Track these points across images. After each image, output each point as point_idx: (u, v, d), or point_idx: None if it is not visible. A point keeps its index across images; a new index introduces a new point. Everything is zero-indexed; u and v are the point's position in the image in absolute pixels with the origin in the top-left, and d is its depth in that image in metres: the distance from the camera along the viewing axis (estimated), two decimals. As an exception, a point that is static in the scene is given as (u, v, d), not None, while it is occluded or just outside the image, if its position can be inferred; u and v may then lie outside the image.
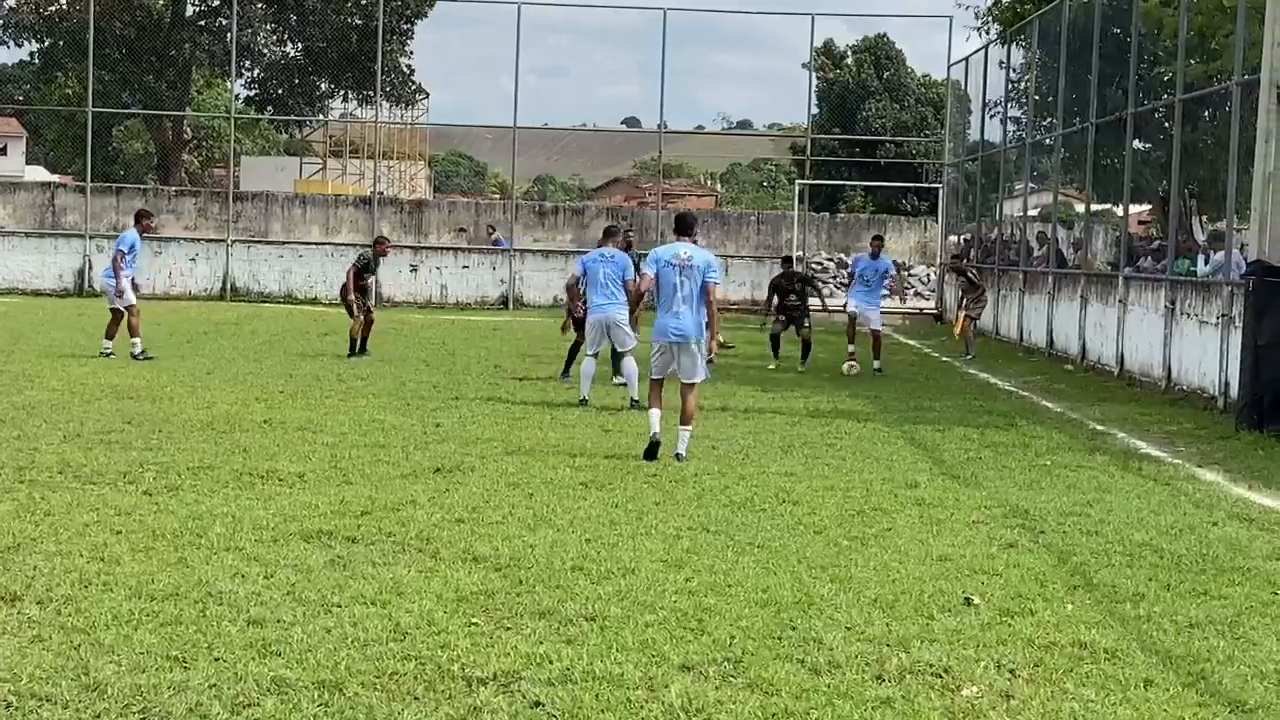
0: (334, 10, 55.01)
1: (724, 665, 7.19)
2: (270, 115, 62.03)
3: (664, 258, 13.92)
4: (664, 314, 13.90)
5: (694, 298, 13.78)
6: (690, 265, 13.76)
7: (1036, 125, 33.80)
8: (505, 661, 7.11)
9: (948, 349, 29.58)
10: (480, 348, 27.10)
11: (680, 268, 13.76)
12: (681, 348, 13.89)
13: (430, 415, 16.60)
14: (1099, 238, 32.25)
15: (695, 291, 13.78)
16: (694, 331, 13.84)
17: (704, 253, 14.12)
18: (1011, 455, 14.93)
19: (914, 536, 10.51)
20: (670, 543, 9.98)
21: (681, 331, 13.84)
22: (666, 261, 13.85)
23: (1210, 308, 20.67)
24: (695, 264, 13.78)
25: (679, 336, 13.86)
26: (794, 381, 22.09)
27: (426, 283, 42.85)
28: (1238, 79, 20.12)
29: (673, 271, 13.79)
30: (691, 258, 13.81)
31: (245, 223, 44.20)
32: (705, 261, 13.89)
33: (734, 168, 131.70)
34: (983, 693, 6.95)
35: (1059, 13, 30.18)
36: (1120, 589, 9.04)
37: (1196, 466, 14.73)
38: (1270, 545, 10.60)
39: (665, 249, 14.17)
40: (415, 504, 11.07)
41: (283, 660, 7.05)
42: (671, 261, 13.82)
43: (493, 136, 60.36)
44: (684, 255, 13.83)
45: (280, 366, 21.90)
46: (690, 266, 13.76)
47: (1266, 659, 7.58)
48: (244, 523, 10.16)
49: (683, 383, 13.94)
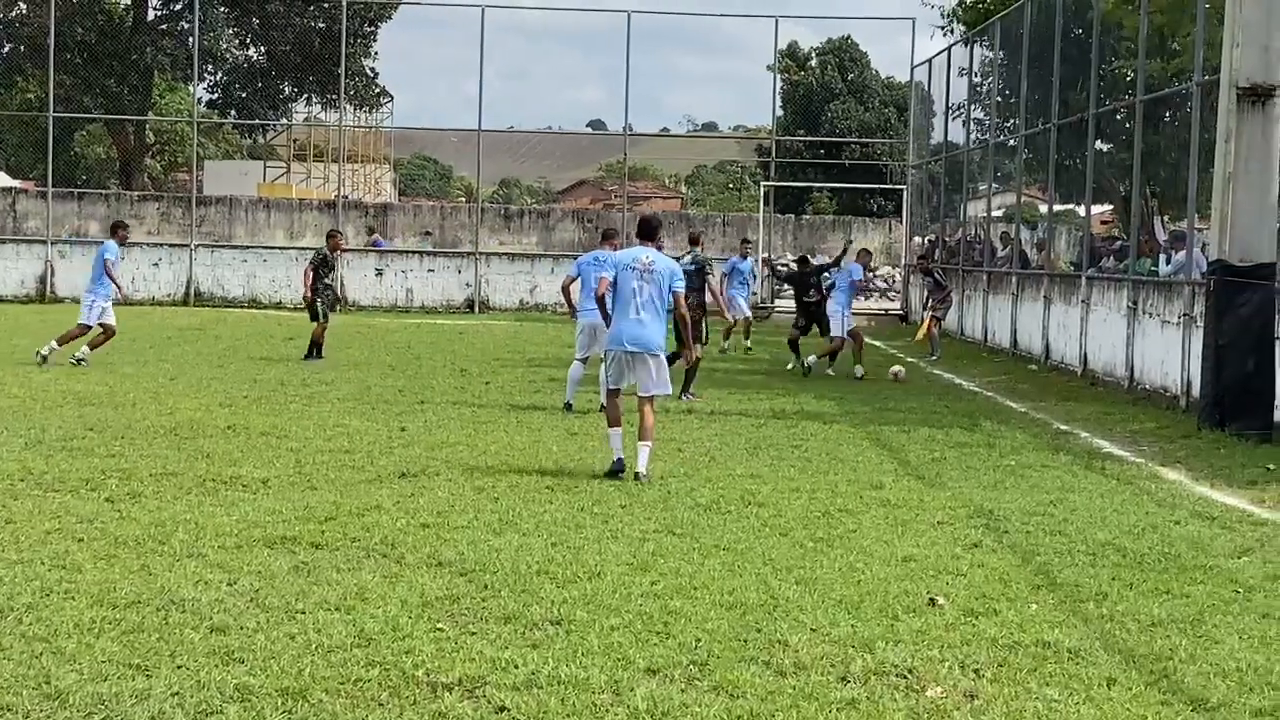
0: (297, 14, 54.86)
1: (689, 668, 7.19)
2: (233, 119, 61.78)
3: (624, 261, 13.30)
4: (620, 320, 13.16)
5: (653, 305, 13.10)
6: (651, 271, 13.10)
7: (999, 126, 33.91)
8: (470, 667, 7.10)
9: (913, 350, 29.64)
10: (446, 351, 27.05)
11: (641, 272, 13.08)
12: (636, 358, 13.12)
13: (395, 420, 16.56)
14: (1062, 238, 32.38)
15: (655, 299, 13.11)
16: (651, 342, 13.11)
17: (667, 259, 13.54)
18: (976, 456, 14.97)
19: (879, 537, 10.54)
20: (636, 546, 9.98)
21: (638, 341, 13.08)
22: (626, 265, 13.19)
23: (1172, 307, 20.76)
24: (657, 270, 13.14)
25: (634, 346, 13.09)
26: (760, 384, 22.13)
27: (392, 286, 42.76)
28: (1198, 79, 20.23)
29: (631, 276, 13.09)
30: (653, 263, 13.17)
31: (209, 227, 44.11)
32: (669, 269, 13.31)
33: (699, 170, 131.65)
34: (947, 693, 6.96)
35: (1020, 14, 30.28)
36: (1083, 588, 9.07)
37: (1159, 465, 14.80)
38: (1232, 543, 10.66)
39: (626, 253, 13.62)
40: (380, 509, 11.05)
41: (246, 667, 7.02)
42: (632, 266, 13.14)
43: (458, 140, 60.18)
44: (645, 260, 13.16)
45: (244, 372, 21.83)
46: (651, 272, 13.10)
47: (1229, 657, 7.62)
48: (207, 529, 10.12)
49: (639, 396, 13.26)
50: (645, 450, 12.89)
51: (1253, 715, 6.75)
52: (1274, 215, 17.51)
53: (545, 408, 18.17)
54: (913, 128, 47.17)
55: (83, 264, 41.35)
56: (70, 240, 42.06)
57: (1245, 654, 7.69)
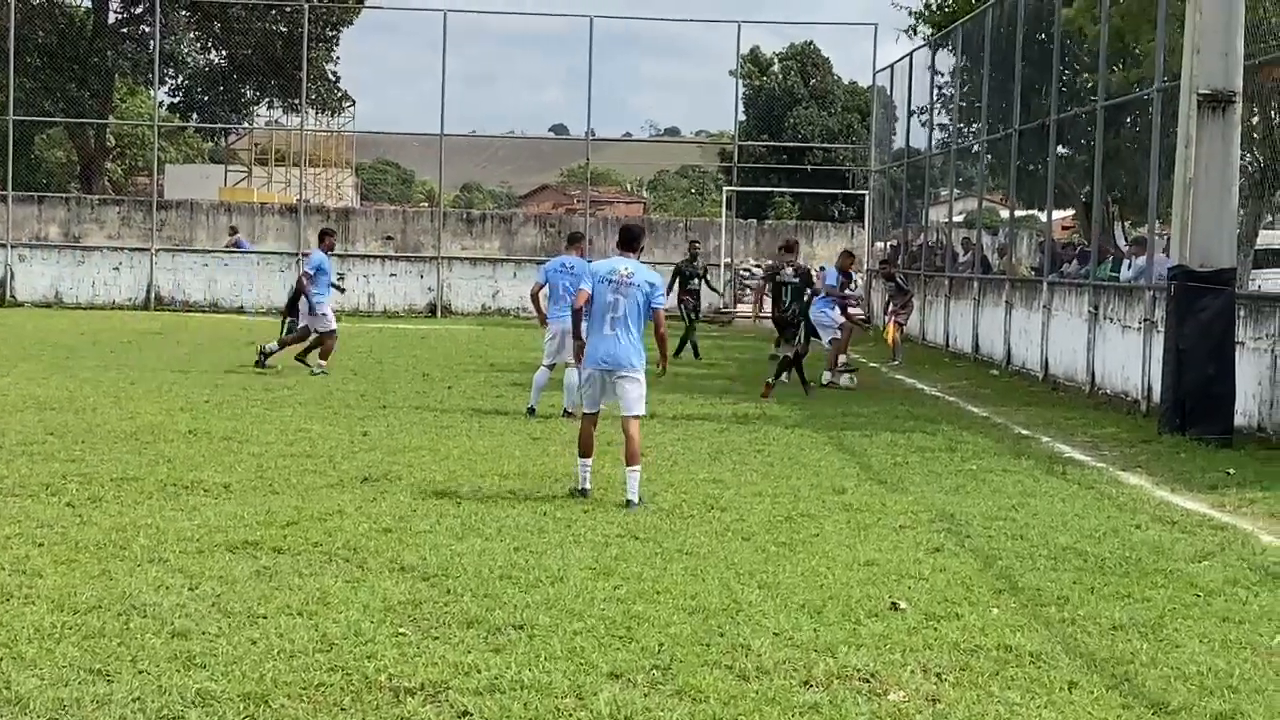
0: (258, 17, 54.64)
1: (652, 673, 7.19)
2: (194, 123, 61.53)
3: (600, 273, 12.45)
4: (594, 337, 12.35)
5: (630, 320, 12.24)
6: (629, 283, 12.27)
7: (961, 131, 34.04)
8: (433, 671, 7.08)
9: (875, 354, 29.69)
10: (408, 356, 27.00)
11: (617, 285, 12.26)
12: (613, 375, 12.26)
13: (358, 424, 16.52)
14: (1023, 243, 32.55)
15: (632, 313, 12.24)
16: (628, 358, 12.21)
17: (646, 270, 12.57)
18: (938, 460, 15.02)
19: (841, 542, 10.55)
20: (599, 550, 9.98)
21: (612, 358, 12.23)
22: (603, 277, 12.37)
23: (1133, 312, 20.88)
24: (635, 282, 12.28)
25: (609, 363, 12.25)
26: (722, 388, 22.14)
27: (354, 291, 42.61)
28: (1159, 85, 20.34)
29: (607, 289, 12.29)
30: (632, 275, 12.32)
31: (170, 231, 43.94)
32: (647, 281, 12.40)
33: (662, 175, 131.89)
34: (909, 697, 6.98)
35: (982, 20, 30.40)
36: (1045, 592, 9.11)
37: (1120, 470, 14.86)
38: (1193, 548, 10.71)
39: (603, 264, 12.69)
40: (342, 514, 11.02)
41: (207, 672, 6.99)
42: (609, 278, 12.32)
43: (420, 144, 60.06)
44: (624, 272, 12.33)
45: (205, 376, 21.73)
46: (629, 284, 12.26)
47: (1189, 660, 7.65)
48: (168, 534, 10.08)
49: (623, 415, 12.35)
50: (634, 476, 11.96)
51: (1213, 718, 6.79)
52: (1234, 221, 17.62)
53: (508, 412, 18.15)
54: (874, 133, 47.29)
55: (43, 269, 41.34)
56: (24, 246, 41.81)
57: (1205, 658, 7.72)
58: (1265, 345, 17.02)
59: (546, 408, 18.18)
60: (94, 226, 43.75)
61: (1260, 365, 17.08)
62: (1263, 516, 12.23)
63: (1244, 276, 20.14)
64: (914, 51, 39.06)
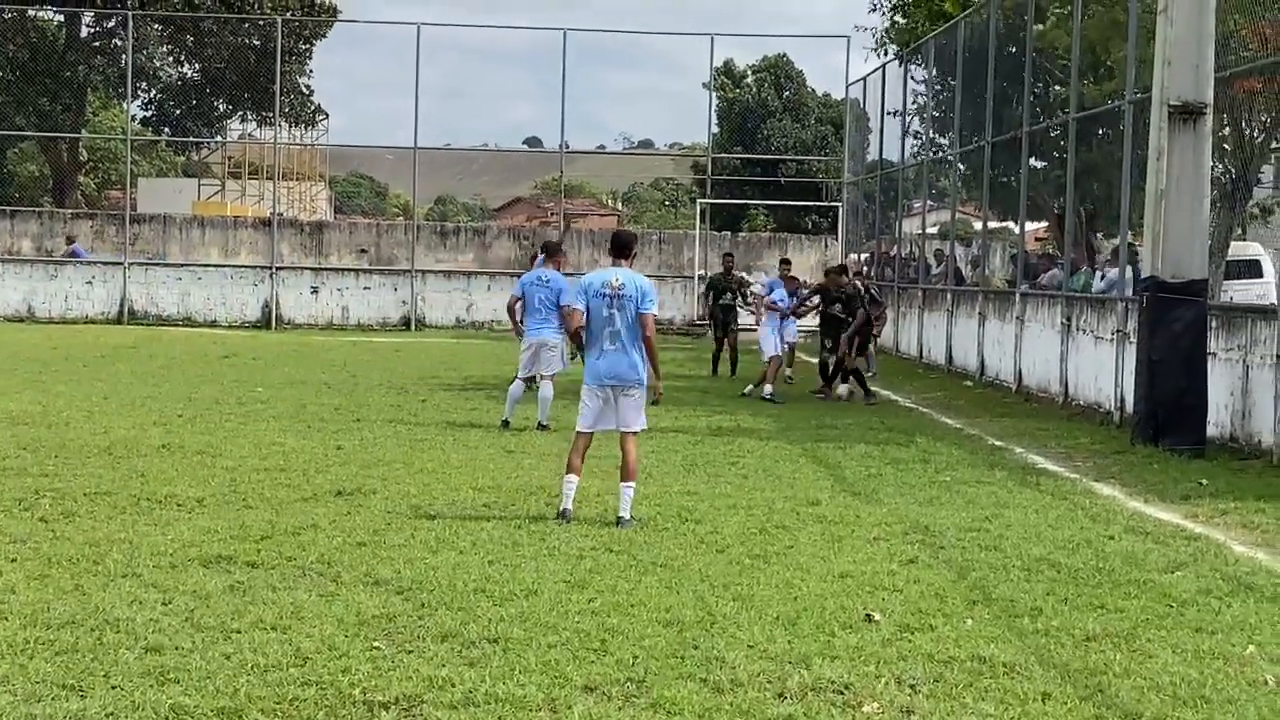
0: (231, 31, 54.56)
1: (627, 685, 7.19)
2: (167, 137, 61.39)
3: (593, 288, 11.99)
4: (593, 353, 12.00)
5: (628, 332, 11.88)
6: (622, 295, 11.86)
7: (934, 143, 34.12)
8: (407, 685, 7.07)
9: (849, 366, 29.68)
10: (382, 369, 26.95)
11: (612, 298, 11.86)
12: (615, 391, 11.93)
13: (331, 438, 16.50)
14: (997, 255, 32.62)
15: (630, 324, 11.89)
16: (630, 373, 11.90)
17: (638, 278, 12.09)
18: (912, 472, 15.04)
19: (815, 554, 10.56)
20: (573, 563, 9.97)
21: (615, 374, 11.90)
22: (596, 291, 11.93)
23: (1105, 324, 20.95)
24: (628, 293, 11.86)
25: (610, 379, 11.92)
26: (697, 400, 22.15)
27: (328, 304, 42.62)
28: (1130, 97, 20.43)
29: (603, 303, 11.89)
30: (624, 285, 11.88)
31: (143, 245, 43.83)
32: (639, 288, 11.93)
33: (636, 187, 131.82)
34: (883, 709, 6.99)
35: (954, 33, 30.49)
36: (1019, 603, 9.12)
37: (1093, 481, 14.91)
38: (1165, 558, 10.74)
39: (595, 276, 12.21)
40: (316, 528, 10.99)
41: (181, 688, 6.97)
42: (602, 291, 11.90)
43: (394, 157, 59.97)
44: (616, 283, 11.90)
45: (179, 390, 21.68)
46: (622, 296, 11.86)
47: (1162, 671, 7.67)
48: (142, 549, 10.05)
49: (621, 432, 12.04)
50: (629, 492, 11.74)
51: (1186, 728, 6.81)
52: (1205, 232, 17.71)
53: (482, 425, 18.14)
54: (848, 145, 47.42)
55: (15, 283, 41.16)
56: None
57: (1179, 668, 7.74)
58: (1237, 356, 17.09)
59: (521, 420, 18.16)
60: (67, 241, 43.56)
61: (1232, 376, 17.15)
62: (1235, 527, 12.27)
63: (1215, 287, 20.20)
64: (886, 64, 39.20)
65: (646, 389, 12.13)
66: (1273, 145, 21.60)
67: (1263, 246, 29.18)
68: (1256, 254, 29.21)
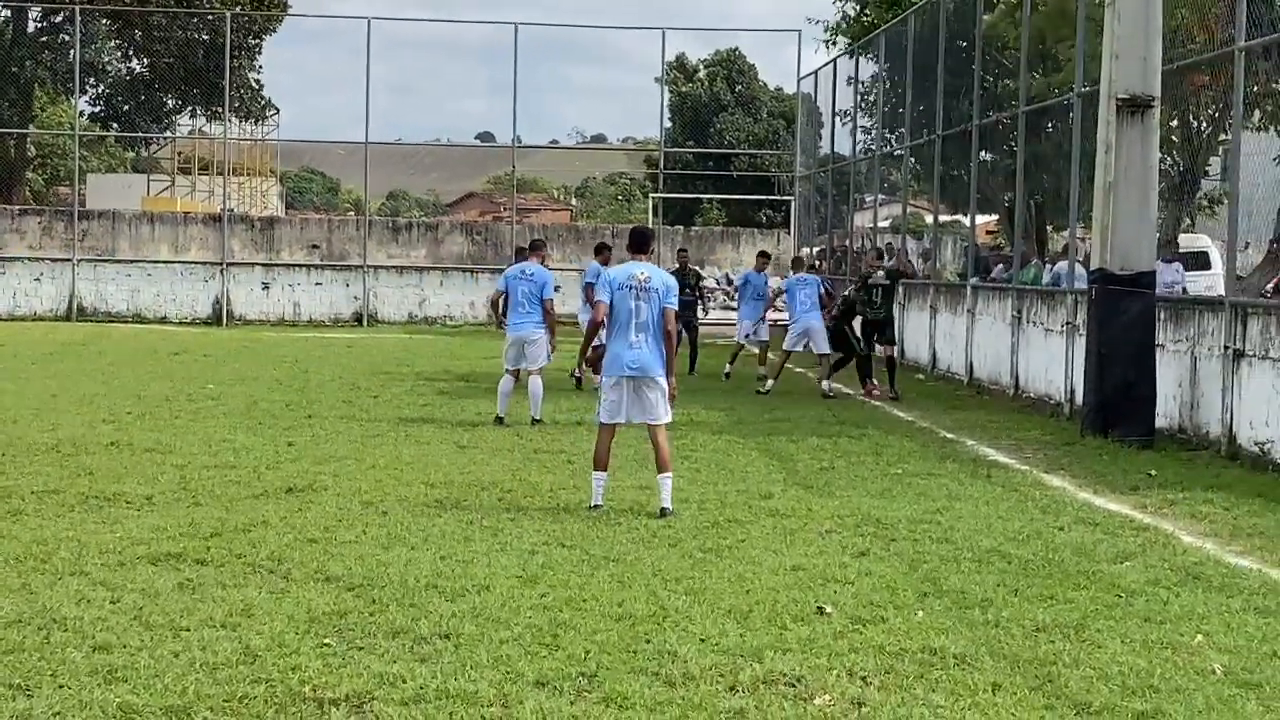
0: (180, 26, 54.19)
1: (579, 680, 7.18)
2: (116, 132, 60.98)
3: (619, 280, 12.14)
4: (618, 345, 12.10)
5: (653, 325, 12.04)
6: (648, 288, 12.03)
7: (885, 137, 34.19)
8: (358, 682, 7.05)
9: (801, 361, 29.72)
10: (334, 365, 26.84)
11: (637, 290, 12.02)
12: (640, 383, 12.07)
13: (283, 434, 16.43)
14: (948, 248, 32.71)
15: (655, 318, 12.04)
16: (655, 364, 12.04)
17: (662, 273, 12.46)
18: (864, 464, 15.08)
19: (768, 547, 10.58)
20: (525, 558, 9.96)
21: (639, 364, 12.03)
22: (621, 284, 12.08)
23: (1055, 316, 21.05)
24: (654, 287, 12.06)
25: (635, 370, 12.04)
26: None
27: (279, 300, 42.44)
28: (1079, 90, 20.52)
29: (628, 296, 12.04)
30: (650, 279, 12.08)
31: (92, 241, 43.47)
32: (664, 284, 12.19)
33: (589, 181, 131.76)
34: (834, 701, 7.00)
35: (904, 26, 30.55)
36: (969, 595, 9.16)
37: (1043, 472, 14.97)
38: (1114, 549, 10.80)
39: (619, 270, 12.36)
40: (267, 524, 10.95)
41: (129, 686, 6.93)
42: (627, 284, 12.05)
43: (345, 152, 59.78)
44: (641, 277, 12.07)
45: (128, 387, 21.54)
46: (648, 289, 12.03)
47: (1111, 661, 7.71)
48: (90, 547, 9.99)
49: (649, 425, 12.24)
50: (667, 483, 11.95)
51: (1134, 718, 6.84)
52: (1154, 224, 17.80)
53: (434, 421, 18.08)
54: (799, 139, 47.48)
55: None
56: None
57: (1127, 658, 7.79)
58: (1185, 348, 17.19)
59: (478, 414, 18.14)
60: (14, 236, 43.20)
61: (1180, 367, 17.26)
62: (1183, 517, 12.35)
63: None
64: (837, 58, 39.26)
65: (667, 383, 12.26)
66: (1220, 138, 21.72)
67: (1210, 239, 29.32)
68: (1205, 246, 29.36)
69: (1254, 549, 11.00)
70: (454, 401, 20.17)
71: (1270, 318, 15.35)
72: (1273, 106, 18.97)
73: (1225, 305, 16.21)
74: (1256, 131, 18.76)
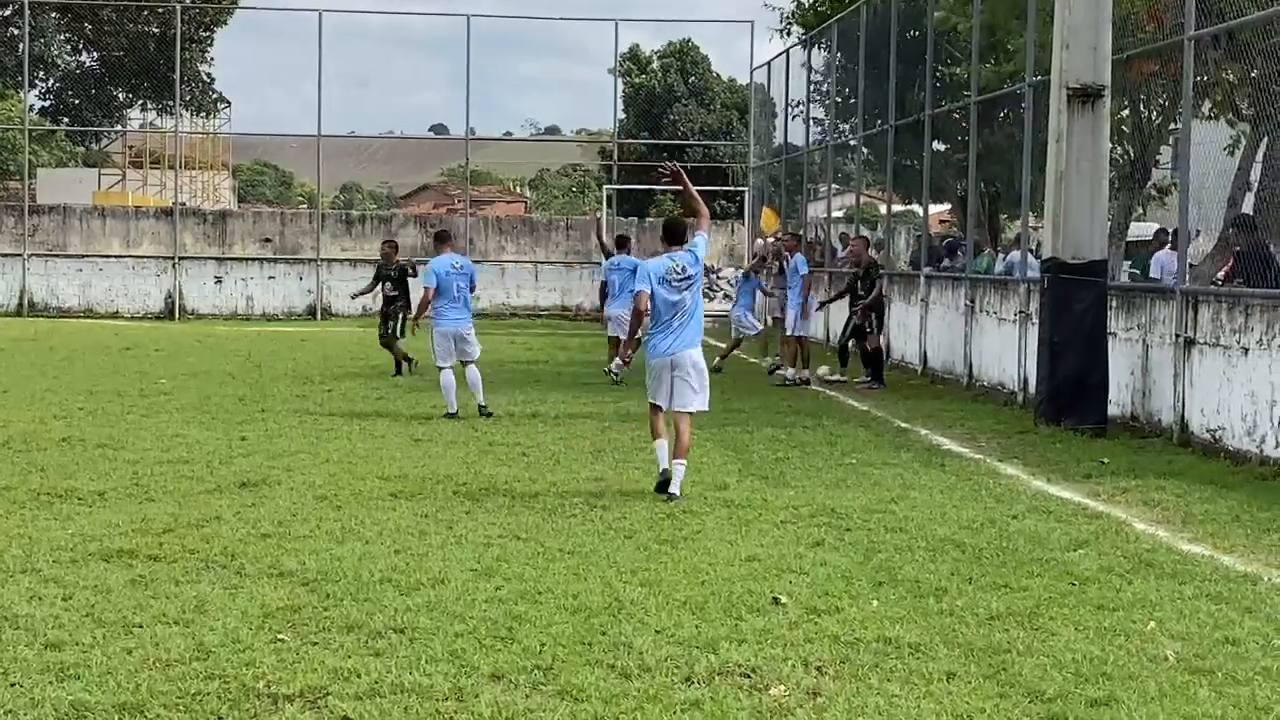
0: (130, 19, 53.91)
1: (534, 673, 7.17)
2: (66, 126, 60.58)
3: (658, 273, 12.60)
4: (660, 334, 12.63)
5: (691, 312, 12.61)
6: (686, 276, 12.58)
7: (838, 128, 34.24)
8: (312, 677, 7.02)
9: (756, 350, 29.78)
10: (287, 359, 26.73)
11: (678, 281, 12.57)
12: (678, 366, 12.54)
13: (236, 429, 16.35)
14: (901, 237, 32.83)
15: (692, 306, 12.62)
16: (689, 344, 12.60)
17: (696, 261, 12.78)
18: (818, 455, 15.10)
19: (723, 538, 10.59)
20: (481, 551, 9.94)
21: (675, 350, 12.56)
22: (661, 277, 12.57)
23: (1008, 305, 21.14)
24: (692, 274, 12.61)
25: (673, 354, 12.56)
26: (605, 386, 22.11)
27: (232, 294, 42.28)
28: (1030, 80, 20.59)
29: (668, 288, 12.55)
30: (686, 268, 12.60)
31: (42, 236, 43.15)
32: (702, 272, 12.83)
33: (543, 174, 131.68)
34: (789, 691, 7.01)
35: (857, 17, 30.59)
36: (924, 584, 9.18)
37: (997, 461, 15.03)
38: (1068, 536, 10.85)
39: (656, 262, 12.79)
40: (220, 520, 10.90)
41: (81, 683, 6.88)
42: (666, 277, 12.56)
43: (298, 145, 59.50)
44: (680, 267, 12.60)
45: (80, 383, 21.40)
46: (686, 278, 12.58)
47: (1065, 648, 7.75)
48: (41, 544, 9.92)
49: (675, 410, 12.59)
50: (680, 469, 12.37)
51: (1088, 705, 6.86)
52: (1105, 213, 17.88)
53: (389, 415, 18.04)
54: (753, 130, 47.50)
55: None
56: None
57: (1081, 645, 7.82)
58: (1137, 336, 17.29)
59: (429, 408, 18.12)
60: (-37, 232, 42.91)
61: (1132, 356, 17.35)
62: (1136, 505, 12.41)
63: (1116, 268, 20.42)
64: (790, 49, 39.25)
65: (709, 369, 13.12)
66: (1171, 127, 21.80)
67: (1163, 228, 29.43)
68: (1156, 235, 29.46)
69: (1205, 536, 11.06)
70: (408, 395, 20.11)
71: (1220, 305, 15.45)
72: (1222, 96, 19.04)
73: (1176, 293, 16.29)
74: (1206, 121, 18.82)
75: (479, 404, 17.93)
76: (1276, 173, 17.33)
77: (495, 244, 44.51)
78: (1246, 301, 14.98)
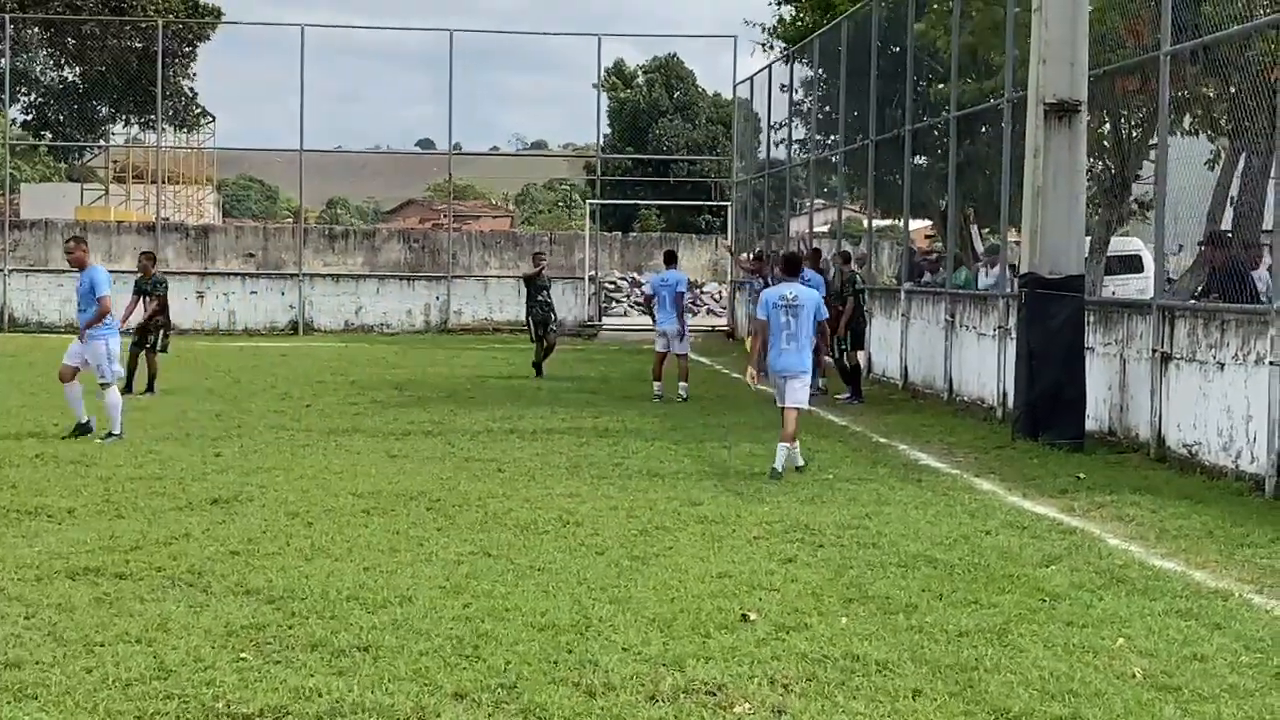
0: (113, 34, 53.84)
1: (498, 692, 7.13)
2: (49, 141, 60.47)
3: (773, 300, 15.17)
4: (774, 351, 15.14)
5: (801, 335, 15.08)
6: (796, 304, 15.05)
7: (820, 142, 34.23)
8: (273, 696, 6.97)
9: (738, 365, 29.75)
10: (267, 375, 26.66)
11: (788, 308, 15.05)
12: (789, 379, 15.06)
13: (211, 445, 16.29)
14: (884, 252, 32.81)
15: (802, 329, 15.08)
16: (798, 365, 15.08)
17: (810, 292, 15.43)
18: (794, 470, 15.05)
19: (695, 554, 10.54)
20: (450, 569, 9.89)
21: (788, 367, 15.07)
22: (775, 304, 15.13)
23: (988, 320, 21.13)
24: (802, 303, 15.07)
25: (785, 371, 15.08)
26: (584, 401, 22.08)
27: (213, 309, 42.20)
28: (1009, 96, 20.60)
29: (780, 312, 15.06)
30: (797, 298, 15.09)
31: (24, 251, 43.11)
32: (812, 301, 15.22)
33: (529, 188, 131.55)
34: (755, 709, 6.97)
35: (838, 32, 30.60)
36: (894, 600, 9.14)
37: (974, 476, 15.00)
38: (1040, 552, 10.82)
39: (773, 291, 15.40)
40: (189, 537, 10.85)
41: (39, 703, 6.83)
42: (778, 303, 15.09)
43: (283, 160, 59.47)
44: (790, 296, 15.09)
45: (57, 399, 21.22)
46: (796, 306, 15.05)
47: (1032, 665, 7.71)
48: (7, 561, 9.87)
49: (786, 405, 15.01)
50: (783, 450, 14.70)
51: (1053, 722, 6.84)
52: (1082, 228, 17.88)
53: (365, 430, 17.98)
54: (736, 145, 47.52)
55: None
56: None
57: (1048, 662, 7.79)
58: (1114, 351, 17.28)
59: (407, 424, 18.02)
60: (-55, 247, 42.82)
61: (1110, 371, 17.34)
62: (1110, 520, 12.39)
63: (1096, 283, 20.43)
64: (773, 64, 39.27)
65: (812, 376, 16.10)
66: (1151, 142, 21.82)
67: (1143, 242, 29.48)
68: (1137, 249, 29.52)
69: (1179, 551, 11.04)
70: (386, 410, 20.07)
71: (1197, 320, 15.44)
72: (1202, 111, 19.05)
73: (1153, 308, 16.29)
74: (1185, 136, 18.83)
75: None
76: (1255, 187, 17.35)
77: (479, 259, 44.50)
78: (1223, 316, 14.97)
